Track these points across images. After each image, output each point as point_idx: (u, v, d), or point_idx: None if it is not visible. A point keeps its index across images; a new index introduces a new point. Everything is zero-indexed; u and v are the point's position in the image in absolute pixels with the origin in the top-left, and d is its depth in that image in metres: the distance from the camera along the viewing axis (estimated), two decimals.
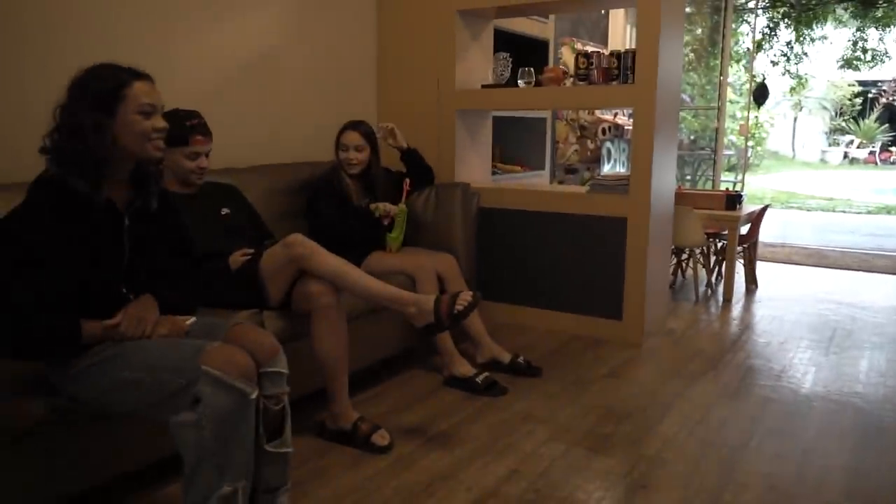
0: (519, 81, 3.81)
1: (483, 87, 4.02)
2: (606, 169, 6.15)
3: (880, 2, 9.90)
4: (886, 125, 19.70)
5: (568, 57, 5.66)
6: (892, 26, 10.58)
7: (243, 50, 3.38)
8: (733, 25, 8.82)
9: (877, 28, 10.54)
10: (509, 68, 3.96)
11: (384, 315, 2.86)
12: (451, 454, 2.40)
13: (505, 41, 4.46)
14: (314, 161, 3.51)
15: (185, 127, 2.43)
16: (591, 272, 3.67)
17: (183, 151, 2.45)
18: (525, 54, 4.47)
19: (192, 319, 1.85)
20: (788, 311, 4.34)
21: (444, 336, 2.93)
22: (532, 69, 3.80)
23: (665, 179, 3.72)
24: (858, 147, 19.97)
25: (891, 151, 19.59)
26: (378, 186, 3.24)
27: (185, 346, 1.70)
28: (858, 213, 10.84)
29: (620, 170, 6.17)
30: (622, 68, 3.56)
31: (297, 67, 3.68)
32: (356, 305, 2.66)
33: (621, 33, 7.14)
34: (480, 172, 4.23)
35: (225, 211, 2.66)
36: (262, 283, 2.39)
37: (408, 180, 3.31)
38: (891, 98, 19.41)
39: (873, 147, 19.72)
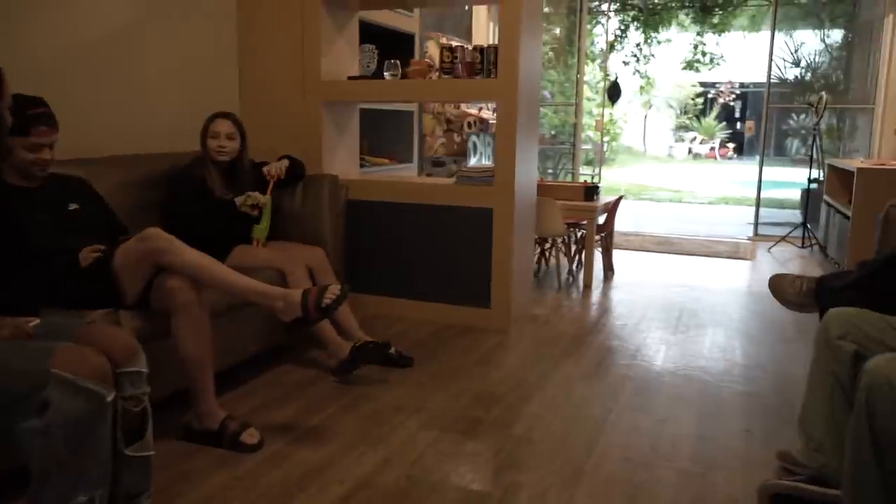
0: (385, 74, 3.82)
1: (349, 78, 3.99)
2: (473, 162, 6.28)
3: (716, 9, 10.76)
4: (724, 123, 21.52)
5: (434, 51, 5.72)
6: (727, 32, 11.54)
7: (94, 29, 3.15)
8: (588, 27, 9.26)
9: (714, 33, 11.46)
10: (375, 60, 3.96)
11: (248, 311, 2.79)
12: (323, 448, 2.37)
13: (370, 34, 4.45)
14: (171, 152, 3.34)
15: (27, 116, 2.21)
16: (459, 262, 3.75)
17: (23, 142, 2.23)
18: (391, 47, 4.47)
19: (36, 321, 1.72)
20: (642, 295, 4.64)
21: (322, 326, 2.89)
22: (398, 62, 3.81)
23: (528, 171, 3.86)
24: (701, 143, 21.65)
25: (728, 147, 21.41)
26: (245, 180, 3.14)
27: (30, 349, 1.57)
28: (701, 203, 11.75)
29: (486, 163, 6.33)
30: (485, 63, 3.65)
31: (154, 52, 3.48)
32: (219, 301, 2.56)
33: (484, 29, 7.33)
34: (348, 165, 4.20)
35: (73, 206, 2.48)
36: (116, 280, 2.26)
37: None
38: (727, 98, 21.18)
39: (713, 143, 21.46)
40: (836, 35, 9.35)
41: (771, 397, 2.90)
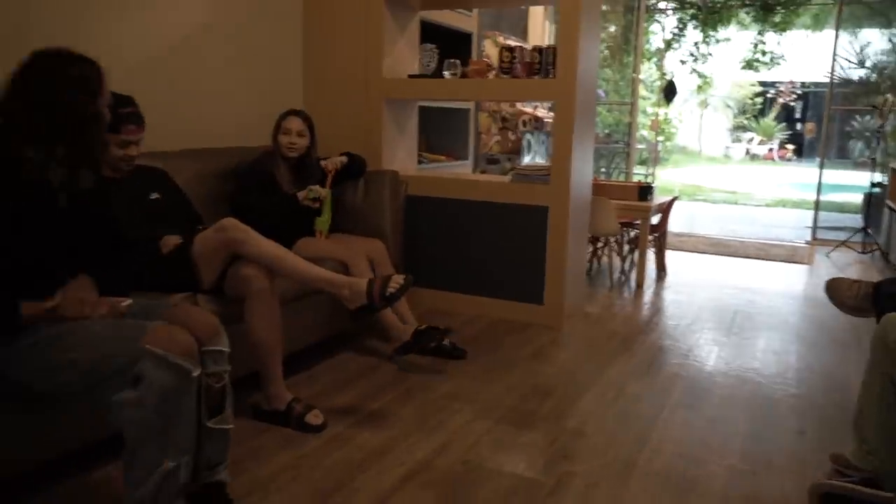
0: (445, 73, 3.91)
1: (410, 76, 4.10)
2: (527, 160, 6.34)
3: (778, 7, 10.54)
4: (783, 124, 21.00)
5: (491, 50, 5.80)
6: (788, 30, 11.28)
7: (171, 31, 3.34)
8: (645, 24, 9.20)
9: (775, 32, 11.21)
10: (436, 59, 4.06)
11: (314, 299, 2.92)
12: (383, 432, 2.49)
13: (430, 33, 4.55)
14: (242, 146, 3.50)
15: (118, 114, 2.37)
16: (513, 259, 3.83)
17: (114, 139, 2.40)
18: (450, 46, 4.56)
19: (130, 301, 1.86)
20: (694, 296, 4.63)
21: (384, 314, 3.02)
22: (458, 61, 3.90)
23: (583, 171, 3.91)
24: (759, 144, 21.17)
25: (787, 149, 20.88)
26: (312, 175, 3.27)
27: (126, 326, 1.71)
28: (758, 205, 11.53)
29: (540, 161, 6.38)
30: (543, 63, 3.71)
31: (224, 52, 3.65)
32: (287, 289, 2.70)
33: (541, 29, 7.36)
34: (407, 161, 4.31)
35: (154, 196, 2.65)
36: (194, 267, 2.40)
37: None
38: (787, 98, 20.66)
39: (772, 144, 20.96)
40: None
41: (824, 400, 2.90)
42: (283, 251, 2.44)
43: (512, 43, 5.28)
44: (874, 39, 9.55)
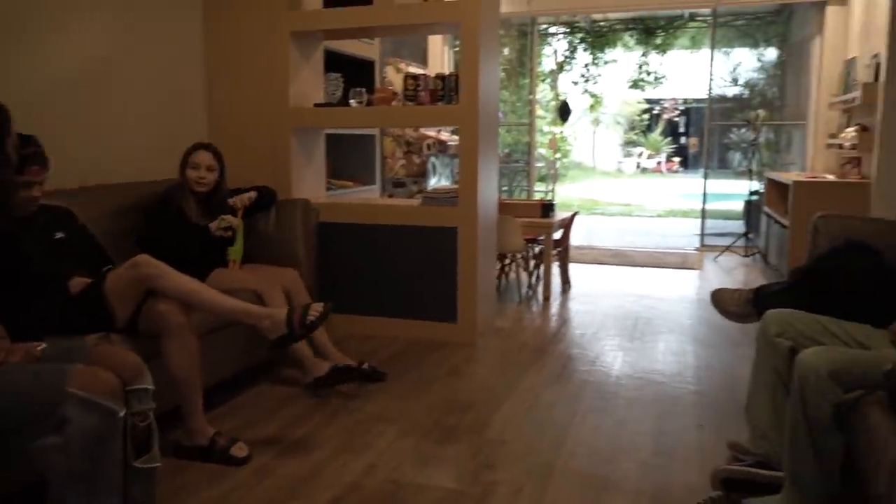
0: (351, 101, 3.99)
1: (316, 105, 4.15)
2: (433, 182, 6.48)
3: (659, 30, 11.25)
4: (669, 138, 22.28)
5: (393, 76, 5.93)
6: (669, 51, 12.05)
7: (69, 66, 3.26)
8: (538, 48, 9.61)
9: (657, 53, 11.96)
10: (341, 88, 4.13)
11: (230, 331, 2.91)
12: (309, 458, 2.51)
13: (334, 61, 4.62)
14: (146, 181, 3.45)
15: (22, 155, 2.30)
16: (426, 280, 3.93)
17: (18, 180, 2.33)
18: (353, 73, 4.65)
19: (44, 346, 1.83)
20: (598, 306, 4.88)
21: (298, 346, 3.02)
22: (364, 89, 4.00)
23: (489, 191, 4.07)
24: (648, 158, 22.34)
25: (673, 161, 22.15)
26: (221, 209, 3.25)
27: (45, 371, 1.69)
28: (650, 216, 12.18)
29: (445, 183, 6.53)
30: (447, 90, 3.86)
31: (125, 86, 3.59)
32: (202, 323, 2.67)
33: (440, 54, 7.58)
34: (316, 188, 4.35)
35: (59, 235, 2.57)
36: (107, 305, 2.36)
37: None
38: (671, 114, 21.95)
39: (659, 157, 22.18)
40: (771, 54, 9.88)
41: (720, 395, 3.14)
42: (199, 285, 2.44)
43: (415, 70, 5.43)
44: (745, 59, 10.36)
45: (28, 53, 3.05)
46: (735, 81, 10.42)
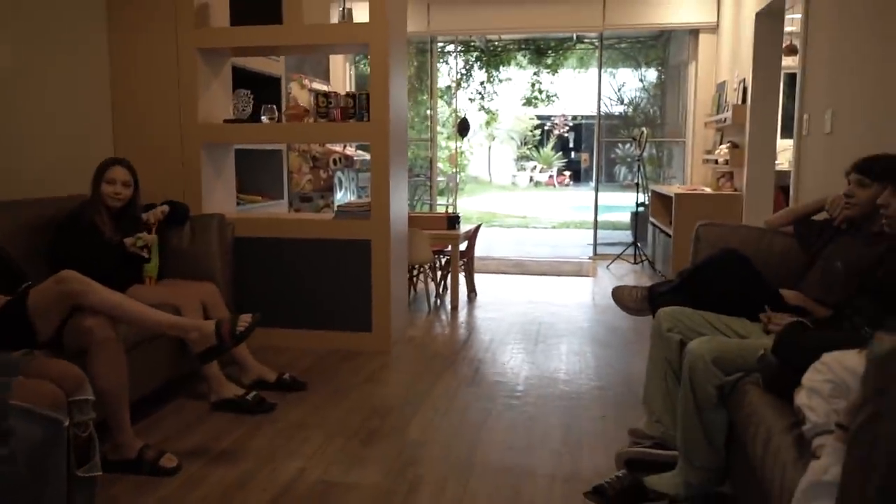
0: (262, 117, 4.06)
1: (226, 122, 4.19)
2: (339, 196, 6.58)
3: (549, 51, 11.85)
4: (560, 153, 23.27)
5: (298, 92, 6.01)
6: (559, 70, 12.71)
7: None
8: (437, 65, 9.89)
9: (548, 72, 12.58)
10: (251, 104, 4.19)
11: (151, 345, 2.92)
12: (239, 466, 2.58)
13: (241, 77, 4.66)
14: (53, 196, 3.39)
15: None
16: (341, 291, 4.04)
17: None
18: (260, 89, 4.71)
19: None
20: (503, 313, 5.14)
21: (210, 366, 3.05)
22: (275, 106, 4.08)
23: (399, 205, 4.23)
24: (540, 171, 23.22)
25: (564, 175, 23.14)
26: (136, 224, 3.25)
27: None
28: (545, 228, 12.72)
29: (352, 197, 6.65)
30: (357, 107, 4.00)
31: (27, 100, 3.51)
32: (126, 337, 2.69)
33: (342, 71, 7.71)
34: (226, 203, 4.37)
35: None
36: (30, 321, 2.35)
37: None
38: (561, 130, 22.95)
39: (551, 171, 23.11)
40: (652, 76, 10.63)
41: (619, 388, 3.44)
42: (126, 299, 2.47)
43: (319, 87, 5.53)
44: (628, 79, 11.08)
45: None
46: (621, 100, 11.12)
